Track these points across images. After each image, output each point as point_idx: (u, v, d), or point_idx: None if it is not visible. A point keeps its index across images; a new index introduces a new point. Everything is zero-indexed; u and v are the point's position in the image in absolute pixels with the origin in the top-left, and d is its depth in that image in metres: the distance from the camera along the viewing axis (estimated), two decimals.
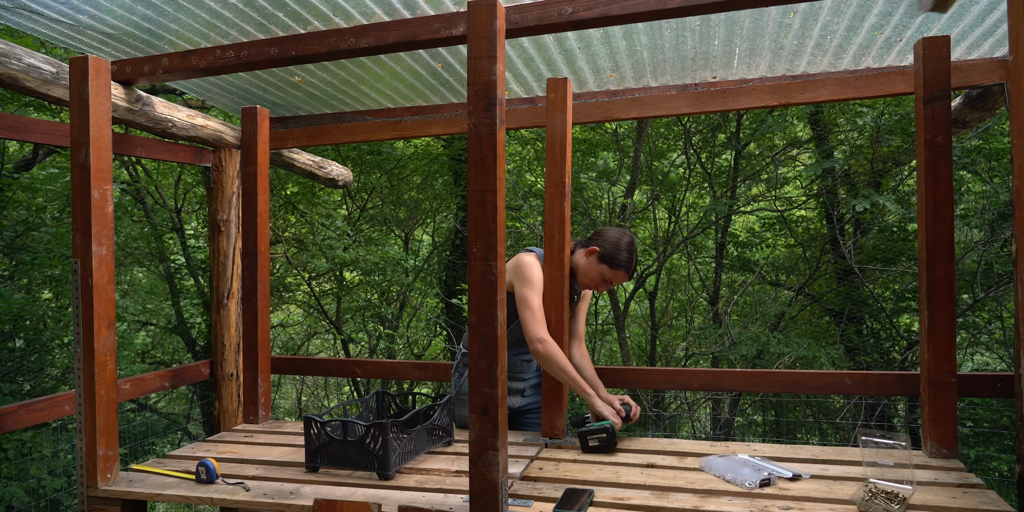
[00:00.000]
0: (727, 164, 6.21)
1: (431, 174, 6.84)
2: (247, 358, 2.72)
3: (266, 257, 2.74)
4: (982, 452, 4.55)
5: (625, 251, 2.39)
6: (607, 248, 2.38)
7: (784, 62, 2.45)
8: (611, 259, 2.38)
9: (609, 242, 2.39)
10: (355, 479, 1.97)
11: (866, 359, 5.51)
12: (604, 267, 2.39)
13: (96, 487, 1.98)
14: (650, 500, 1.74)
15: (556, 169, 2.36)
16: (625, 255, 2.38)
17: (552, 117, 2.36)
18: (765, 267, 6.16)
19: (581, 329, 2.61)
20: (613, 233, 2.42)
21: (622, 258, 2.37)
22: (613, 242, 2.39)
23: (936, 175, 2.04)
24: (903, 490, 1.71)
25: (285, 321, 7.74)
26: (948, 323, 2.03)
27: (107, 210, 2.05)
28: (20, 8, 2.07)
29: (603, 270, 2.40)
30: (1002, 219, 4.64)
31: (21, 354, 5.09)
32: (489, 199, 1.67)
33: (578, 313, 2.62)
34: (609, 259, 2.38)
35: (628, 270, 2.40)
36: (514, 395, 2.54)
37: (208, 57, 2.26)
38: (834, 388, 2.52)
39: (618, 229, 2.44)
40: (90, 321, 2.00)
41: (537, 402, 2.59)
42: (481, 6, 1.66)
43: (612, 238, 2.40)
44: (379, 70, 2.61)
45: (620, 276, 2.41)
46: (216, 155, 3.19)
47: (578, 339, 2.57)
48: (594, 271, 2.42)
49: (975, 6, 2.05)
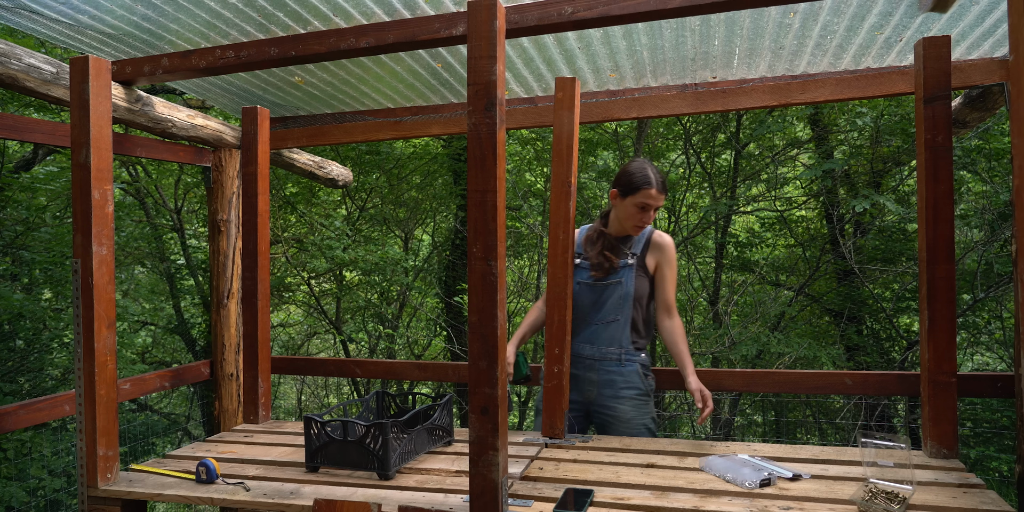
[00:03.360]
0: (727, 164, 6.21)
1: (431, 174, 6.84)
2: (247, 358, 2.72)
3: (266, 257, 2.74)
4: (982, 452, 4.55)
5: (635, 171, 2.31)
6: (619, 180, 2.35)
7: (784, 62, 2.45)
8: (627, 184, 2.31)
9: (619, 177, 2.37)
10: (355, 479, 1.97)
11: (866, 359, 5.51)
12: (629, 198, 2.32)
13: (96, 487, 1.98)
14: (650, 500, 1.74)
15: (562, 168, 2.36)
16: (638, 173, 2.30)
17: (560, 116, 2.36)
18: (765, 267, 6.16)
19: (669, 299, 2.44)
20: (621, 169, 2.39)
21: (636, 177, 2.30)
22: (621, 172, 2.37)
23: (936, 175, 2.04)
24: (903, 490, 1.71)
25: (285, 321, 7.74)
26: (948, 323, 2.03)
27: (107, 210, 2.05)
28: (20, 8, 2.07)
29: (630, 202, 2.33)
30: (1002, 219, 4.64)
31: (21, 354, 5.09)
32: (489, 199, 1.67)
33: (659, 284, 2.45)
34: (625, 185, 2.32)
35: (649, 182, 2.29)
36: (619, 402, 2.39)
37: (208, 57, 2.26)
38: (834, 388, 2.52)
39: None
40: (90, 321, 2.00)
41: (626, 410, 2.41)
42: (481, 6, 1.66)
43: (620, 172, 2.38)
44: (379, 70, 2.62)
45: (647, 195, 2.30)
46: (216, 155, 3.19)
47: (667, 310, 2.44)
48: (624, 209, 2.36)
49: (975, 6, 2.05)
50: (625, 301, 2.41)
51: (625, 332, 2.41)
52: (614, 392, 2.40)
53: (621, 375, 2.40)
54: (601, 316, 2.43)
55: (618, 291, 2.43)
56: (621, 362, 2.41)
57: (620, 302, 2.42)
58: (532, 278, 6.86)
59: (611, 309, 2.43)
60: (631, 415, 2.39)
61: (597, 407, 2.44)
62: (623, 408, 2.40)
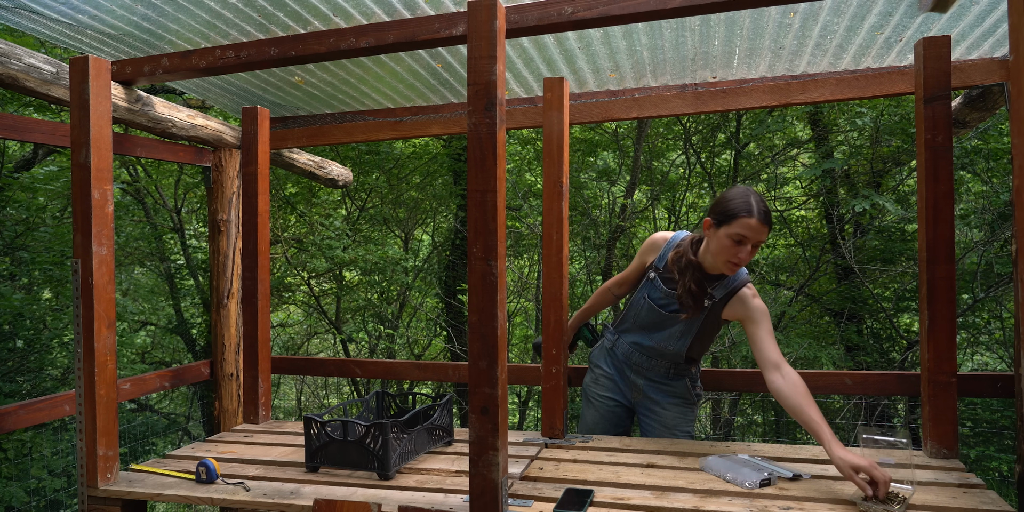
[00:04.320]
0: (727, 164, 6.21)
1: (430, 174, 6.84)
2: (247, 358, 2.72)
3: (266, 257, 2.74)
4: (982, 452, 4.55)
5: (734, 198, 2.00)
6: (714, 208, 2.04)
7: (784, 62, 2.45)
8: (722, 212, 2.00)
9: (715, 204, 2.06)
10: (355, 479, 1.97)
11: (866, 359, 5.51)
12: (723, 228, 2.01)
13: (96, 487, 1.98)
14: (650, 500, 1.74)
15: (554, 169, 2.36)
16: (737, 199, 1.98)
17: (549, 117, 2.36)
18: (765, 267, 6.16)
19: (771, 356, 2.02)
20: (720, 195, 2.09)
21: (734, 203, 1.98)
22: (719, 199, 2.05)
23: (936, 175, 2.04)
24: (903, 490, 1.71)
25: (285, 321, 7.75)
26: (948, 323, 2.03)
27: (107, 210, 2.05)
28: (20, 8, 2.07)
29: (724, 232, 2.01)
30: (1002, 219, 4.64)
31: (21, 354, 5.09)
32: (489, 199, 1.67)
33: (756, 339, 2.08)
34: (720, 213, 2.01)
35: (750, 211, 1.96)
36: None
37: (208, 57, 2.26)
38: (834, 388, 2.52)
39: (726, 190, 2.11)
40: (90, 321, 2.00)
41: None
42: (481, 6, 1.66)
43: (717, 199, 2.08)
44: (379, 70, 2.61)
45: (746, 225, 1.96)
46: (216, 155, 3.19)
47: (774, 368, 2.00)
48: (718, 241, 2.03)
49: (975, 6, 2.05)
50: (685, 337, 2.27)
51: (678, 357, 2.31)
52: (660, 398, 2.37)
53: (669, 385, 2.36)
54: (656, 338, 2.30)
55: (681, 327, 2.25)
56: (670, 375, 2.36)
57: (680, 336, 2.27)
58: (532, 278, 6.86)
59: (669, 339, 2.28)
60: (675, 422, 2.38)
61: (642, 409, 2.42)
62: (667, 414, 2.38)
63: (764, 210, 1.99)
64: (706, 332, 2.27)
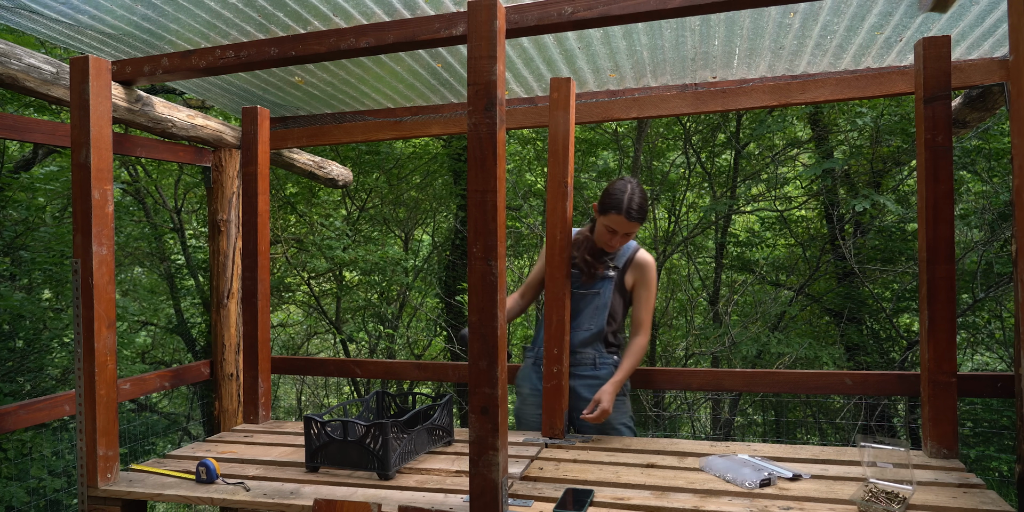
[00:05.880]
0: (727, 164, 6.21)
1: (430, 174, 6.85)
2: (247, 358, 2.72)
3: (266, 257, 2.74)
4: (982, 452, 4.55)
5: (614, 192, 2.25)
6: (601, 197, 2.29)
7: (784, 62, 2.45)
8: (603, 203, 2.27)
9: (602, 193, 2.31)
10: (355, 479, 1.97)
11: (866, 359, 5.51)
12: (602, 217, 2.28)
13: (96, 487, 1.98)
14: (650, 500, 1.74)
15: (558, 169, 2.36)
16: (615, 195, 2.24)
17: (555, 117, 2.36)
18: (765, 267, 6.16)
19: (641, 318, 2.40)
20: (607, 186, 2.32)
21: (612, 198, 2.25)
22: (605, 189, 2.31)
23: (936, 175, 2.04)
24: (903, 490, 1.71)
25: (285, 321, 7.75)
26: (948, 323, 2.03)
27: (107, 210, 2.05)
28: (20, 8, 2.07)
29: (602, 222, 2.29)
30: (1002, 219, 4.64)
31: (21, 354, 5.09)
32: (489, 199, 1.67)
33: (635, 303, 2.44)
34: (602, 203, 2.28)
35: (619, 208, 2.23)
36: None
37: (208, 57, 2.26)
38: (834, 388, 2.52)
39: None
40: (90, 321, 2.00)
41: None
42: (481, 6, 1.66)
43: (605, 188, 2.31)
44: (379, 70, 2.61)
45: (616, 220, 2.25)
46: (216, 155, 3.19)
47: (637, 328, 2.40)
48: (599, 227, 2.31)
49: (975, 6, 2.05)
50: (600, 313, 2.43)
51: (597, 341, 2.44)
52: (590, 394, 2.41)
53: (597, 377, 2.43)
54: (576, 324, 2.45)
55: (594, 302, 2.45)
56: (595, 366, 2.44)
57: (595, 313, 2.44)
58: None
59: (586, 319, 2.45)
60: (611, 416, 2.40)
61: (576, 413, 2.44)
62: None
63: (637, 207, 2.24)
64: (615, 306, 2.45)
